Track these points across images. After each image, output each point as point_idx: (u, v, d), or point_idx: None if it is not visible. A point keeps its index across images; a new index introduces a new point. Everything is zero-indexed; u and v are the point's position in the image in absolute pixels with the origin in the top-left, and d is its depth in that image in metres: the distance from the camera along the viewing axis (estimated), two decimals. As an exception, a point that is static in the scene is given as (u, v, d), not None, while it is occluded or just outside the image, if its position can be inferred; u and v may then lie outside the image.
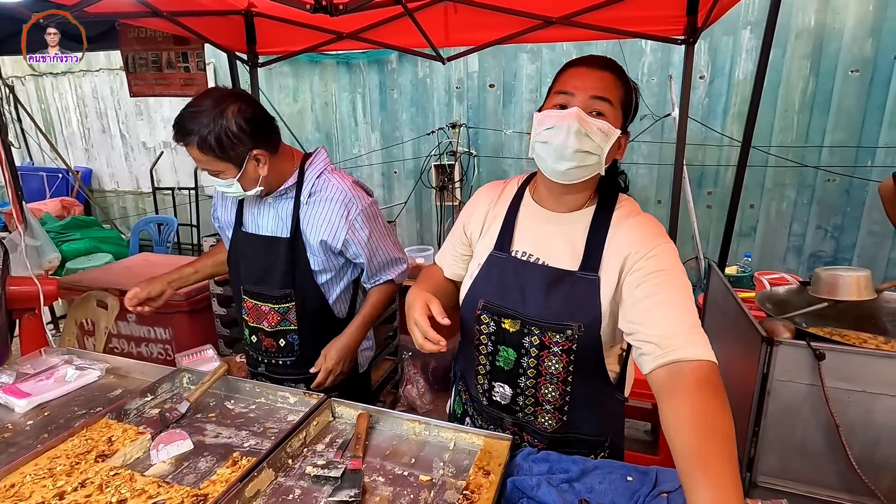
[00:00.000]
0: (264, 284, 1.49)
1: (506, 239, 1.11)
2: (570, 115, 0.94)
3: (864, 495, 1.41)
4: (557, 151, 0.96)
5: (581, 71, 1.00)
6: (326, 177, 1.45)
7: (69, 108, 6.17)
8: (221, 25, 2.68)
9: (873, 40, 3.39)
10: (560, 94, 0.98)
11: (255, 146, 1.32)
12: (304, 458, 1.08)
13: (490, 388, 1.14)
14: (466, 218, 1.23)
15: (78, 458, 1.03)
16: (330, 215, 1.41)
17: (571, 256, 1.04)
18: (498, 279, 1.09)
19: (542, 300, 1.02)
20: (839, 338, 1.74)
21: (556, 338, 1.01)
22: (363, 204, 1.45)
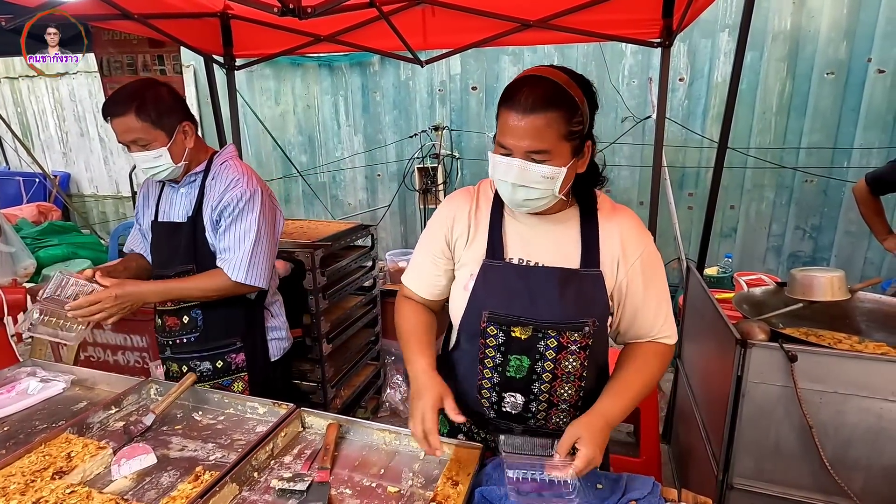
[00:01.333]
0: (169, 266, 1.55)
1: (497, 247, 1.07)
2: (511, 170, 0.95)
3: (837, 495, 1.42)
4: (510, 196, 1.00)
5: (512, 118, 0.92)
6: (229, 163, 1.56)
7: (46, 111, 6.05)
8: (197, 28, 2.64)
9: (847, 43, 3.45)
10: (500, 145, 0.96)
11: (185, 118, 1.47)
12: (270, 471, 1.05)
13: (500, 399, 1.09)
14: (446, 229, 1.13)
15: (34, 475, 0.99)
16: (220, 188, 1.51)
17: (567, 256, 1.06)
18: (500, 287, 1.05)
19: (557, 301, 1.02)
20: (815, 338, 1.76)
21: (575, 336, 1.03)
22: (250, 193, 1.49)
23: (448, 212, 1.14)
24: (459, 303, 1.09)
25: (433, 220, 1.18)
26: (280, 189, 5.22)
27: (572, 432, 0.94)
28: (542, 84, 0.93)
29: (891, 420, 1.37)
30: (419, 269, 1.19)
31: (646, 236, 1.09)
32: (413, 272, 1.21)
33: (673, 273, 4.19)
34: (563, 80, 0.95)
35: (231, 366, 1.60)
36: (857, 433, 1.41)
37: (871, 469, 1.41)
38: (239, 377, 1.61)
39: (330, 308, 2.55)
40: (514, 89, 0.95)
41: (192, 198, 1.55)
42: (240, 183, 1.50)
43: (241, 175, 1.51)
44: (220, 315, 1.57)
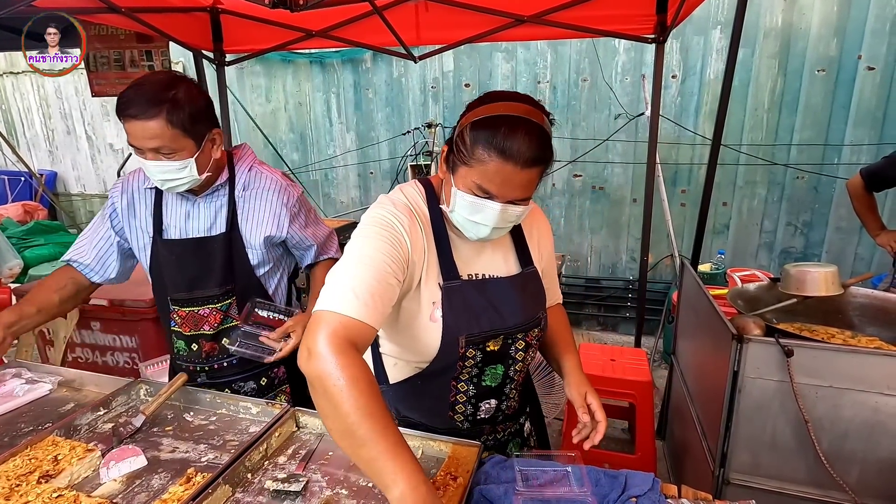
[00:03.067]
0: (200, 287, 1.40)
1: (451, 267, 1.02)
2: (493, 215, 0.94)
3: (833, 489, 1.43)
4: (478, 234, 0.99)
5: (507, 173, 0.88)
6: (258, 170, 1.45)
7: (31, 108, 5.94)
8: (186, 23, 2.61)
9: (838, 40, 3.47)
10: (480, 189, 0.91)
11: (215, 125, 1.32)
12: (264, 472, 1.03)
13: (475, 409, 1.12)
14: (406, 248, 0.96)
15: (19, 479, 0.96)
16: (270, 207, 1.41)
17: (507, 262, 1.13)
18: (466, 308, 1.01)
19: (519, 307, 1.07)
20: (808, 333, 1.76)
21: (535, 332, 1.12)
22: (297, 192, 1.48)
23: (402, 228, 0.96)
24: (429, 335, 1.01)
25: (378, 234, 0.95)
26: (272, 187, 5.17)
27: (580, 391, 1.13)
28: (536, 133, 0.89)
29: (886, 414, 1.37)
30: (371, 294, 0.87)
31: (548, 225, 1.25)
32: (361, 298, 0.86)
33: (666, 270, 4.21)
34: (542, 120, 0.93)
35: (274, 381, 1.52)
36: (853, 427, 1.41)
37: (867, 462, 1.41)
38: (281, 391, 1.54)
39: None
40: (505, 134, 0.87)
41: (219, 211, 1.39)
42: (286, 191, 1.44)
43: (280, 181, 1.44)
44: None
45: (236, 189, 1.40)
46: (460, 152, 0.93)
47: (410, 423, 1.13)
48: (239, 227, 1.40)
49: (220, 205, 1.40)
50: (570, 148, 4.18)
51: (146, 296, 2.43)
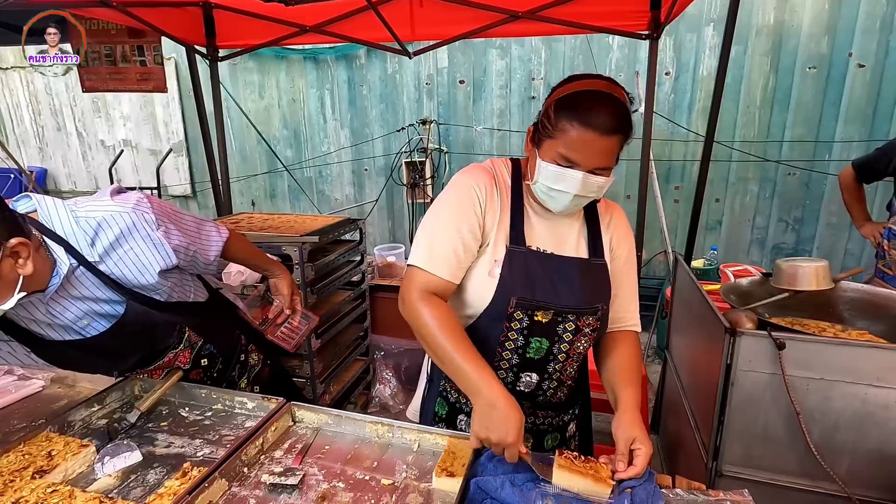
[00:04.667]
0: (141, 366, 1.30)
1: (519, 234, 1.11)
2: (575, 183, 1.01)
3: (824, 480, 1.45)
4: (563, 203, 1.06)
5: (589, 139, 0.97)
6: (85, 217, 1.08)
7: (21, 104, 5.86)
8: (178, 17, 2.59)
9: (829, 38, 3.50)
10: (564, 158, 1.00)
11: (11, 234, 0.93)
12: (260, 466, 1.03)
13: (516, 379, 1.16)
14: (477, 206, 1.09)
15: (13, 475, 0.96)
16: (141, 244, 1.13)
17: (577, 246, 1.15)
18: (524, 273, 1.08)
19: (577, 288, 1.10)
20: (800, 327, 1.79)
21: (590, 320, 1.12)
22: (144, 207, 1.14)
23: (476, 188, 1.10)
24: (484, 289, 1.10)
25: (456, 195, 1.10)
26: (265, 184, 5.15)
27: (627, 435, 0.99)
28: (614, 105, 0.98)
29: (875, 405, 1.39)
30: (447, 250, 1.06)
31: (630, 233, 1.24)
32: (435, 252, 1.06)
33: (660, 266, 4.23)
34: (621, 95, 1.00)
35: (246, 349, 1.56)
36: (843, 418, 1.43)
37: (857, 453, 1.43)
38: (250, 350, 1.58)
39: (318, 303, 2.52)
40: (587, 106, 0.97)
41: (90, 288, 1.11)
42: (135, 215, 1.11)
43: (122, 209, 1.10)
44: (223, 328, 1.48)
45: (87, 255, 1.08)
46: (545, 128, 1.02)
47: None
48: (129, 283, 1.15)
49: (82, 284, 1.10)
50: (564, 145, 4.19)
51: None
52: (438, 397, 1.28)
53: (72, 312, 1.12)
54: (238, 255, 1.51)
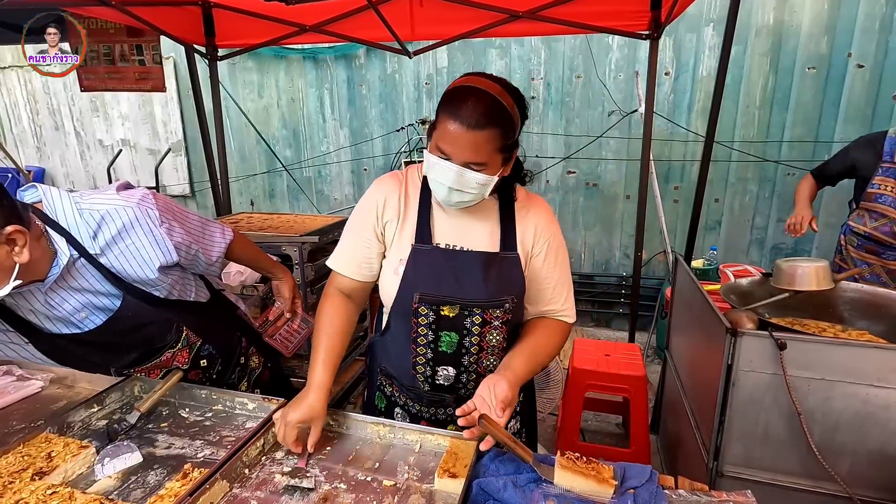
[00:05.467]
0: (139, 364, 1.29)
1: (425, 232, 1.15)
2: (449, 174, 1.03)
3: (825, 480, 1.45)
4: (444, 196, 1.08)
5: (455, 132, 0.99)
6: (89, 209, 1.09)
7: (18, 104, 5.84)
8: (178, 16, 2.58)
9: (828, 38, 3.51)
10: (439, 149, 1.03)
11: (8, 221, 0.93)
12: (262, 467, 1.03)
13: (433, 373, 1.20)
14: (377, 212, 1.18)
15: (12, 476, 0.95)
16: (142, 240, 1.14)
17: (489, 240, 1.17)
18: (429, 270, 1.13)
19: (480, 282, 1.12)
20: (800, 327, 1.79)
21: (497, 313, 1.14)
22: (148, 203, 1.16)
23: (378, 196, 1.19)
24: (391, 286, 1.17)
25: (362, 203, 1.21)
26: (265, 184, 5.14)
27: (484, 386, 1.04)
28: (485, 100, 0.99)
29: (876, 405, 1.39)
30: (350, 252, 1.21)
31: (554, 225, 1.23)
32: (343, 255, 1.22)
33: (659, 266, 4.23)
34: (499, 93, 1.02)
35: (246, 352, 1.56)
36: (844, 419, 1.43)
37: (858, 453, 1.44)
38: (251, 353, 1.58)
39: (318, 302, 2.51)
40: (457, 99, 1.00)
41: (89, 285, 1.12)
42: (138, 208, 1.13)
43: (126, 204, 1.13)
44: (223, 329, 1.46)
45: (88, 248, 1.09)
46: (433, 123, 1.06)
47: (387, 374, 1.30)
48: (128, 279, 1.15)
49: (82, 275, 1.11)
50: (563, 144, 4.19)
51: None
52: (377, 391, 1.36)
53: (70, 304, 1.12)
54: (242, 257, 1.50)
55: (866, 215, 2.38)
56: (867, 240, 2.36)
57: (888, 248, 2.27)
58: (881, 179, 2.32)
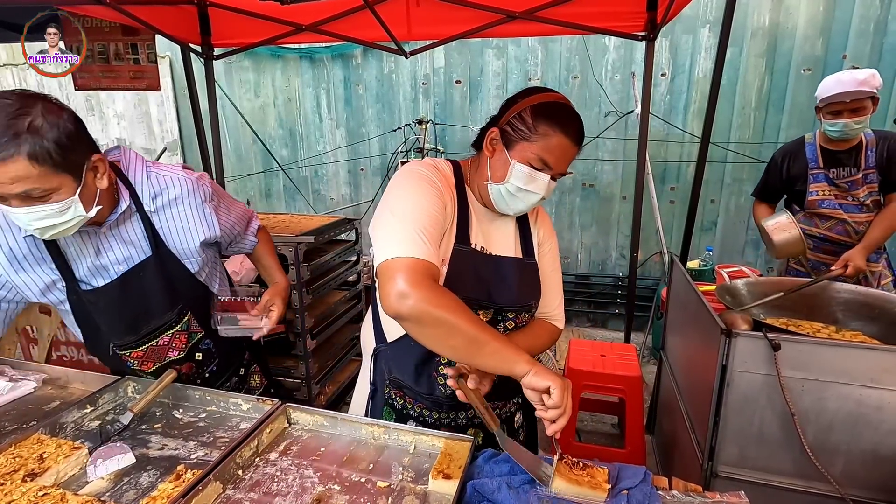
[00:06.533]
0: (145, 322, 1.28)
1: (465, 234, 1.13)
2: (544, 185, 1.07)
3: (818, 480, 1.45)
4: (524, 205, 1.11)
5: (565, 147, 1.05)
6: (157, 174, 1.25)
7: (13, 102, 5.81)
8: (173, 15, 2.57)
9: (823, 40, 3.52)
10: (543, 162, 1.05)
11: (93, 149, 1.06)
12: (255, 469, 1.02)
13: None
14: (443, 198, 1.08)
15: (3, 478, 0.94)
16: (192, 210, 1.28)
17: (511, 246, 1.19)
18: (469, 273, 1.11)
19: (514, 287, 1.14)
20: (794, 328, 1.80)
21: (525, 317, 1.19)
22: (205, 181, 1.34)
23: (434, 177, 1.09)
24: None
25: (423, 186, 1.06)
26: (261, 183, 5.12)
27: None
28: (579, 120, 1.08)
29: (869, 406, 1.40)
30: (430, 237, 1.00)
31: (553, 231, 1.29)
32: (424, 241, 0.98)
33: (655, 266, 4.24)
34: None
35: (248, 366, 1.58)
36: (838, 419, 1.44)
37: (851, 454, 1.44)
38: (252, 371, 1.60)
39: (314, 303, 2.51)
40: (565, 116, 1.06)
41: (134, 234, 1.22)
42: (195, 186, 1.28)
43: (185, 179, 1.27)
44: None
45: (144, 204, 1.21)
46: (519, 130, 1.06)
47: (399, 385, 1.22)
48: (166, 244, 1.26)
49: (132, 228, 1.22)
50: (560, 145, 4.19)
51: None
52: (384, 405, 1.26)
53: (114, 254, 1.21)
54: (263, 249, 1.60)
55: (815, 218, 2.42)
56: (823, 241, 2.40)
57: (844, 245, 2.30)
58: (816, 186, 2.37)
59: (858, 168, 2.27)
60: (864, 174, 2.26)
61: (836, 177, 2.32)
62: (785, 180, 2.48)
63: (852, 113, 2.15)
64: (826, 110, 2.21)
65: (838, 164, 2.31)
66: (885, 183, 2.24)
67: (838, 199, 2.33)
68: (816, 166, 2.35)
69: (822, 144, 2.34)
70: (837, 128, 2.19)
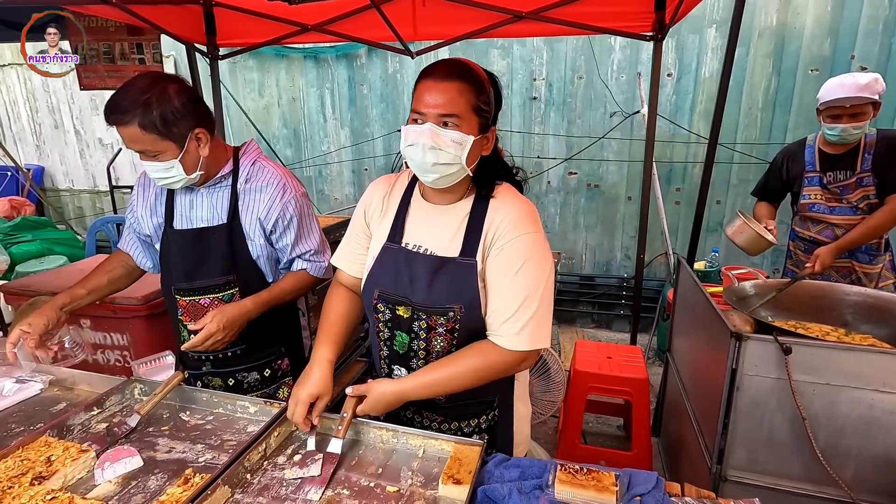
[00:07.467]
0: (200, 277, 1.42)
1: (398, 231, 1.17)
2: (423, 132, 1.02)
3: (829, 485, 1.44)
4: (420, 166, 1.06)
5: (428, 85, 1.03)
6: (261, 164, 1.47)
7: (18, 102, 5.82)
8: (178, 15, 2.56)
9: (831, 40, 3.50)
10: (415, 112, 1.05)
11: (198, 124, 1.31)
12: (264, 472, 1.02)
13: (389, 372, 1.21)
14: (365, 210, 1.25)
15: (11, 481, 0.94)
16: (266, 197, 1.42)
17: (453, 244, 1.12)
18: (391, 269, 1.15)
19: (427, 287, 1.10)
20: (803, 330, 1.78)
21: (441, 320, 1.10)
22: (297, 191, 1.48)
23: (369, 194, 1.26)
24: (363, 280, 1.21)
25: (359, 203, 1.28)
26: (264, 183, 5.12)
27: (367, 387, 1.08)
28: (455, 61, 1.06)
29: (882, 410, 1.39)
30: (346, 249, 1.28)
31: (522, 228, 1.07)
32: (341, 252, 1.29)
33: (660, 267, 4.22)
34: (468, 63, 1.07)
35: (278, 373, 1.56)
36: (849, 423, 1.42)
37: (862, 458, 1.43)
38: (284, 383, 1.58)
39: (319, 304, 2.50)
40: (430, 67, 1.07)
41: (221, 202, 1.43)
42: (287, 187, 1.44)
43: (282, 177, 1.45)
44: (265, 323, 1.47)
45: (239, 181, 1.43)
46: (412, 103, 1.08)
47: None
48: (240, 218, 1.42)
49: (222, 196, 1.43)
50: (565, 145, 4.18)
51: (137, 293, 2.39)
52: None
53: (203, 211, 1.44)
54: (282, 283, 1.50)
55: (808, 221, 2.43)
56: (813, 244, 2.40)
57: None
58: (809, 189, 2.37)
59: (853, 171, 2.25)
60: (859, 178, 2.24)
61: (831, 181, 2.31)
62: (785, 181, 2.47)
63: (852, 118, 2.13)
64: (826, 114, 2.20)
65: (834, 167, 2.29)
66: (880, 185, 2.22)
67: (829, 203, 2.33)
68: (813, 170, 2.35)
69: (820, 147, 2.33)
70: (836, 132, 2.18)
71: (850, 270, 2.37)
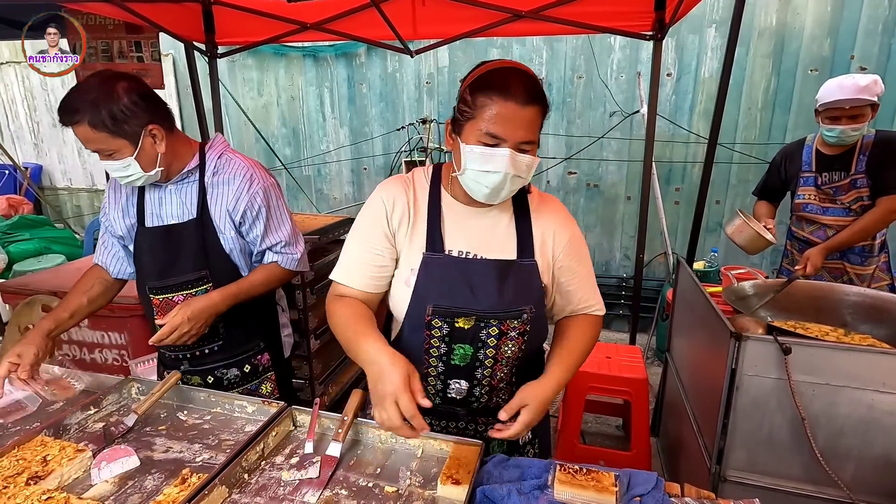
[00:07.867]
0: (174, 274, 1.41)
1: (436, 239, 1.09)
2: (506, 161, 0.97)
3: (829, 486, 1.43)
4: (493, 190, 1.02)
5: (511, 109, 0.94)
6: (228, 156, 1.45)
7: (16, 100, 5.81)
8: (177, 13, 2.55)
9: (831, 40, 3.50)
10: (491, 136, 0.97)
11: (151, 121, 1.29)
12: (261, 472, 1.01)
13: (445, 386, 1.13)
14: (385, 218, 1.10)
15: (7, 481, 0.93)
16: (233, 188, 1.41)
17: (505, 246, 1.10)
18: (441, 280, 1.06)
19: (496, 292, 1.06)
20: (802, 331, 1.78)
21: (514, 323, 1.07)
22: (266, 181, 1.46)
23: (387, 203, 1.11)
24: (402, 297, 1.10)
25: (368, 209, 1.13)
26: (263, 182, 5.11)
27: (521, 398, 1.02)
28: (529, 77, 0.98)
29: (881, 411, 1.38)
30: (356, 263, 1.12)
31: (571, 223, 1.18)
32: (348, 267, 1.13)
33: (660, 267, 4.22)
34: (533, 74, 1.00)
35: (258, 368, 1.55)
36: (849, 424, 1.42)
37: (862, 459, 1.42)
38: (266, 378, 1.57)
39: (317, 303, 2.49)
40: (502, 79, 0.96)
41: (190, 197, 1.41)
42: (254, 178, 1.42)
43: (249, 168, 1.43)
44: (242, 317, 1.47)
45: (206, 175, 1.42)
46: (464, 112, 1.00)
47: None
48: (209, 212, 1.40)
49: (190, 191, 1.42)
50: (564, 145, 4.18)
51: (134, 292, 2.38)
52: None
53: (172, 208, 1.42)
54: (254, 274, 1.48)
55: (803, 222, 2.43)
56: (807, 244, 2.40)
57: None
58: (804, 189, 2.37)
59: (848, 172, 2.24)
60: (853, 179, 2.23)
61: (826, 181, 2.31)
62: (783, 181, 2.47)
63: (850, 120, 2.13)
64: (825, 115, 2.19)
65: (830, 168, 2.29)
66: (874, 187, 2.21)
67: (823, 204, 2.33)
68: (809, 170, 2.35)
69: (818, 147, 2.33)
70: (834, 133, 2.17)
71: (842, 272, 2.37)
